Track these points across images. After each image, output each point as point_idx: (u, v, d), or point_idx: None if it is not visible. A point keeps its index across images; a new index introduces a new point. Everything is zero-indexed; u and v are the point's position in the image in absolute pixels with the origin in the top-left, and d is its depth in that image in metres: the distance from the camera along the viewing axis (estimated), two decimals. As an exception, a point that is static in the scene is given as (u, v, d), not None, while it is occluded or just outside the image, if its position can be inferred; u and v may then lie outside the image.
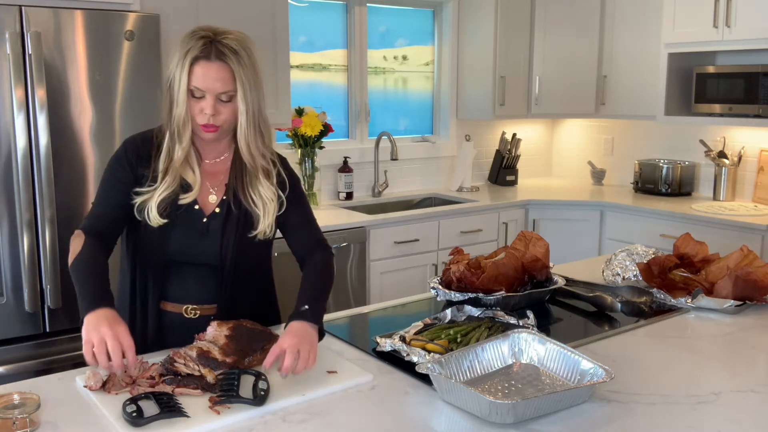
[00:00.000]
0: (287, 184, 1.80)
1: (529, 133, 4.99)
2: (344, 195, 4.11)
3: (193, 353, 1.52)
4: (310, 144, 3.77)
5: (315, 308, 1.61)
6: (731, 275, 2.05)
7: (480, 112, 4.48)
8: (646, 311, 2.06)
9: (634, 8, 4.21)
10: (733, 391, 1.51)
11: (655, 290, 2.13)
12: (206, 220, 1.74)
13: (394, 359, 1.64)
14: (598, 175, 4.75)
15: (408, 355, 1.61)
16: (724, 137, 4.10)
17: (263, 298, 1.90)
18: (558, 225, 4.17)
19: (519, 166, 4.81)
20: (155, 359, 1.58)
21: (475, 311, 1.90)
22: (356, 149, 4.23)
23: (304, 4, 4.00)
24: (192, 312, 1.76)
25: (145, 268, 1.74)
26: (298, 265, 1.83)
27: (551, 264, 2.22)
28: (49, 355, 2.58)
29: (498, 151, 4.77)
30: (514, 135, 4.76)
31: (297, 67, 3.98)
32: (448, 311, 1.90)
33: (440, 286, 2.06)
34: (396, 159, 4.12)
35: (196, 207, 1.73)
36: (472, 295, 1.97)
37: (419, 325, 1.81)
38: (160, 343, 1.74)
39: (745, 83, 3.65)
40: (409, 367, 1.56)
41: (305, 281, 1.72)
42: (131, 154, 1.72)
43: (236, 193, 1.74)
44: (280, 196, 1.77)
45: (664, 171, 4.23)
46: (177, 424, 1.32)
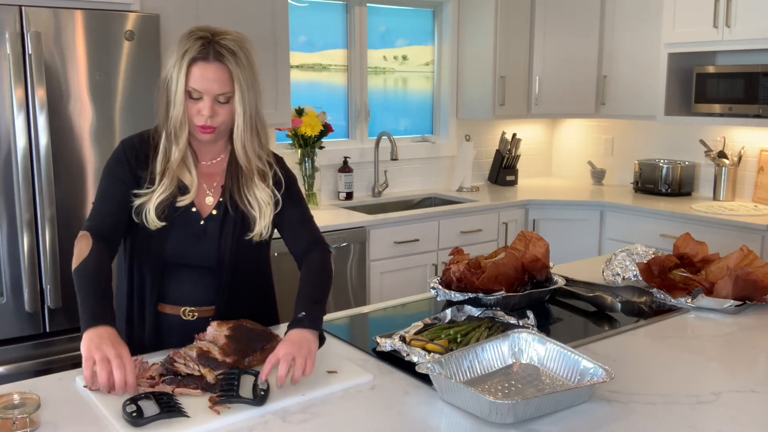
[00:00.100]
0: (283, 184, 1.79)
1: (529, 133, 4.99)
2: (344, 195, 4.11)
3: (193, 353, 1.52)
4: (310, 144, 3.77)
5: (313, 313, 1.59)
6: (731, 275, 2.05)
7: (480, 112, 4.48)
8: (646, 311, 2.06)
9: (634, 8, 4.21)
10: (733, 391, 1.51)
11: (655, 290, 2.13)
12: (203, 223, 1.73)
13: (394, 359, 1.64)
14: (598, 175, 4.75)
15: (408, 355, 1.61)
16: (724, 137, 4.10)
17: (262, 299, 1.90)
18: (558, 225, 4.17)
19: (519, 166, 4.81)
20: (155, 359, 1.58)
21: (475, 311, 1.90)
22: (356, 149, 4.23)
23: (304, 4, 4.00)
24: (190, 314, 1.75)
25: (142, 270, 1.73)
26: (297, 264, 1.82)
27: (551, 264, 2.22)
28: (49, 355, 2.58)
29: (498, 151, 4.77)
30: (514, 135, 4.76)
31: (297, 67, 3.98)
32: (448, 311, 1.90)
33: (440, 286, 2.06)
34: (396, 159, 4.12)
35: (194, 209, 1.72)
36: (472, 295, 1.97)
37: (419, 325, 1.80)
38: (158, 346, 1.73)
39: (745, 83, 3.65)
40: (409, 367, 1.56)
41: (303, 283, 1.71)
42: (130, 155, 1.70)
43: (232, 194, 1.73)
44: (276, 197, 1.76)
45: (664, 171, 4.23)
46: (177, 424, 1.32)
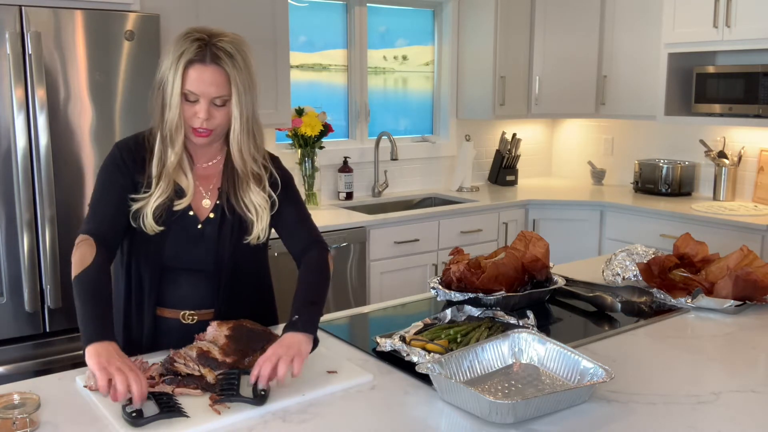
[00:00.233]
0: (279, 184, 1.77)
1: (529, 133, 4.99)
2: (344, 195, 4.11)
3: (193, 353, 1.52)
4: (310, 144, 3.77)
5: (307, 316, 1.58)
6: (731, 275, 2.05)
7: (480, 112, 4.48)
8: (646, 311, 2.06)
9: (634, 8, 4.21)
10: (733, 391, 1.51)
11: (655, 290, 2.13)
12: (201, 227, 1.71)
13: (394, 359, 1.64)
14: (598, 175, 4.75)
15: (408, 355, 1.60)
16: (724, 137, 4.10)
17: (261, 300, 1.89)
18: (558, 225, 4.17)
19: (519, 166, 4.81)
20: (155, 359, 1.58)
21: (475, 311, 1.90)
22: (356, 149, 4.23)
23: (304, 4, 4.00)
24: (190, 317, 1.74)
25: (140, 273, 1.71)
26: (296, 264, 1.81)
27: (551, 264, 2.22)
28: (48, 355, 2.58)
29: (498, 151, 4.77)
30: (514, 135, 4.76)
31: (297, 67, 3.98)
32: (448, 311, 1.89)
33: (440, 286, 2.06)
34: (396, 159, 4.12)
35: (191, 213, 1.71)
36: (472, 295, 1.97)
37: (419, 325, 1.80)
38: (157, 349, 1.72)
39: (745, 83, 3.65)
40: (409, 367, 1.56)
41: (299, 284, 1.69)
42: (127, 158, 1.68)
43: (229, 198, 1.72)
44: (272, 198, 1.75)
45: (664, 171, 4.23)
46: (177, 424, 1.32)
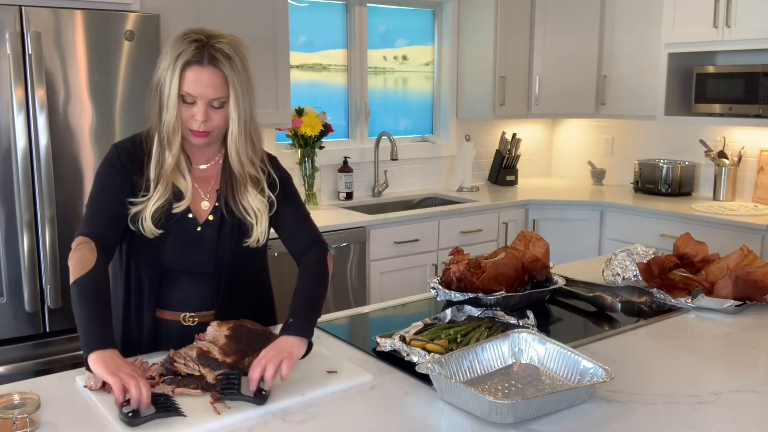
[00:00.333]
0: (278, 184, 1.76)
1: (529, 133, 4.99)
2: (344, 195, 4.11)
3: (193, 353, 1.52)
4: (310, 144, 3.77)
5: (302, 319, 1.57)
6: (731, 275, 2.05)
7: (480, 112, 4.48)
8: (646, 311, 2.06)
9: (634, 8, 4.21)
10: (733, 391, 1.51)
11: (655, 290, 2.13)
12: (200, 229, 1.71)
13: (394, 359, 1.64)
14: (598, 175, 4.75)
15: (408, 355, 1.60)
16: (724, 137, 4.10)
17: (261, 300, 1.89)
18: (558, 225, 4.17)
19: (519, 166, 4.81)
20: (155, 359, 1.58)
21: (475, 311, 1.90)
22: (356, 149, 4.23)
23: (304, 4, 4.00)
24: (190, 319, 1.74)
25: (139, 276, 1.71)
26: (296, 263, 1.81)
27: (551, 264, 2.22)
28: (48, 355, 2.58)
29: (498, 151, 4.77)
30: (514, 135, 4.76)
31: (297, 67, 3.98)
32: (448, 311, 1.89)
33: (440, 286, 2.06)
34: (396, 159, 4.12)
35: (190, 215, 1.70)
36: (472, 295, 1.97)
37: (419, 325, 1.80)
38: (157, 350, 1.71)
39: (745, 83, 3.65)
40: (409, 367, 1.56)
41: (297, 285, 1.69)
42: (126, 160, 1.67)
43: (227, 200, 1.71)
44: (270, 199, 1.74)
45: (664, 171, 4.23)
46: (176, 424, 1.32)
